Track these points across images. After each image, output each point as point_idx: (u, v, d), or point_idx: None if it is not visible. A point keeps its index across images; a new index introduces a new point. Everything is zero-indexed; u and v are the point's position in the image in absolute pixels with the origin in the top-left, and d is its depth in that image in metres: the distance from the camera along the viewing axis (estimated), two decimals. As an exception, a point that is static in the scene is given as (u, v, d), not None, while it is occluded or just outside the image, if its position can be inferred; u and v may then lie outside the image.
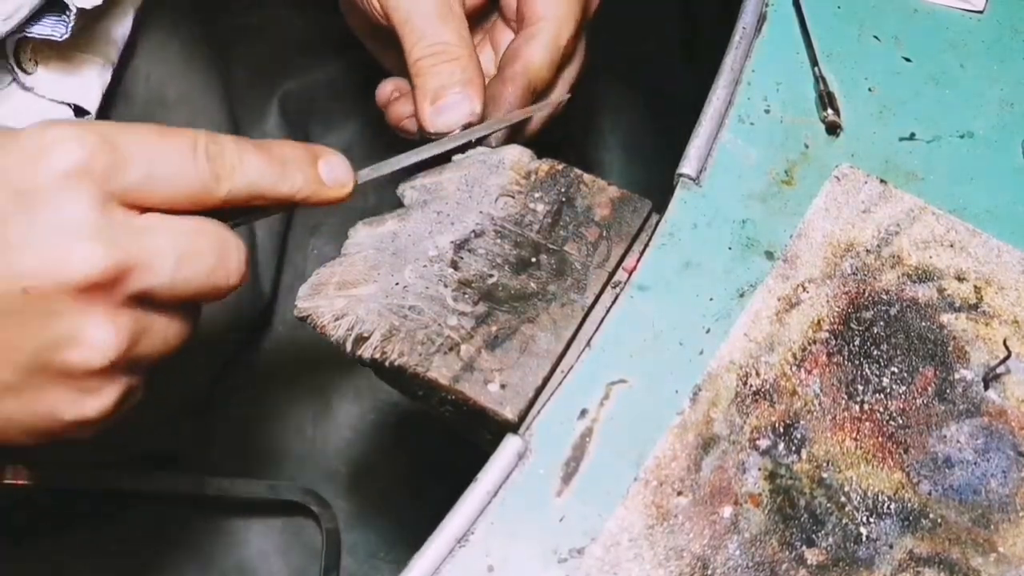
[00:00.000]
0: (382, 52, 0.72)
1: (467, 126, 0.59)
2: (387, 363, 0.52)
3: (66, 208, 0.43)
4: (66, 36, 0.63)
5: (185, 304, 0.48)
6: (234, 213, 0.49)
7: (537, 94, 0.63)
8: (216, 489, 0.94)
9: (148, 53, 0.79)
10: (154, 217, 0.46)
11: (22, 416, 0.46)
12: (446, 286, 0.54)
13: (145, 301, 0.46)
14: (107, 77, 0.70)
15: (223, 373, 0.97)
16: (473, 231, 0.56)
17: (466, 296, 0.54)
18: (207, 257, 0.47)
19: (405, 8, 0.60)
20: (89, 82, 0.69)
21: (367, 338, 0.52)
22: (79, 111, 0.69)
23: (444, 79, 0.59)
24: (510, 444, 0.50)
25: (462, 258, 0.55)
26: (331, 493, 0.98)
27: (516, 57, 0.62)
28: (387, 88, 0.70)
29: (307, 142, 0.52)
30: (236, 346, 0.98)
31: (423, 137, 0.60)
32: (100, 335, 0.44)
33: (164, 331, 0.47)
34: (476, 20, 0.67)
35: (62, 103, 0.68)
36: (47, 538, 0.92)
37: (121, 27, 0.72)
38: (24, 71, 0.65)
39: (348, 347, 0.52)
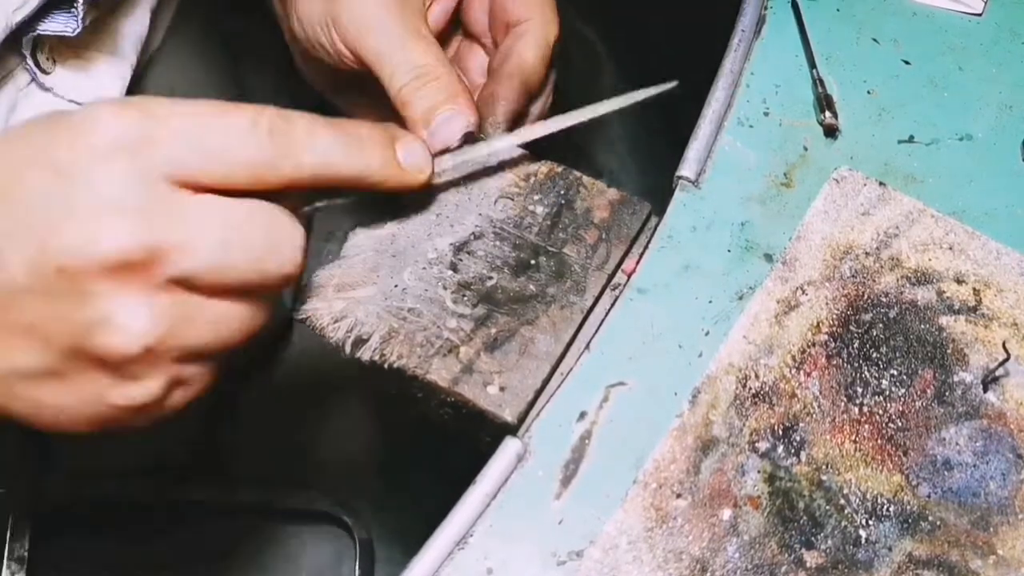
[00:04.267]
0: (349, 103, 0.70)
1: (467, 135, 0.59)
2: (386, 365, 0.52)
3: (102, 184, 0.41)
4: (79, 31, 0.62)
5: (237, 291, 0.45)
6: (309, 197, 0.48)
7: (530, 94, 0.63)
8: (247, 497, 0.94)
9: (168, 61, 0.79)
10: (207, 197, 0.44)
11: (71, 402, 0.44)
12: (445, 288, 0.54)
13: (189, 286, 0.43)
14: (127, 78, 0.70)
15: (245, 379, 0.97)
16: (472, 233, 0.56)
17: (465, 298, 0.54)
18: (256, 243, 0.44)
19: (374, 42, 0.59)
20: (108, 84, 0.69)
21: (366, 340, 0.52)
22: None
23: (431, 100, 0.58)
24: (509, 446, 0.50)
25: (461, 260, 0.55)
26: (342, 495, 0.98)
27: (509, 56, 0.62)
28: None
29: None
30: (258, 352, 0.98)
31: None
32: (132, 319, 0.42)
33: (213, 319, 0.44)
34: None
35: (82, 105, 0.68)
36: (71, 548, 0.91)
37: (137, 25, 0.71)
38: (43, 71, 0.65)
39: (347, 349, 0.52)
